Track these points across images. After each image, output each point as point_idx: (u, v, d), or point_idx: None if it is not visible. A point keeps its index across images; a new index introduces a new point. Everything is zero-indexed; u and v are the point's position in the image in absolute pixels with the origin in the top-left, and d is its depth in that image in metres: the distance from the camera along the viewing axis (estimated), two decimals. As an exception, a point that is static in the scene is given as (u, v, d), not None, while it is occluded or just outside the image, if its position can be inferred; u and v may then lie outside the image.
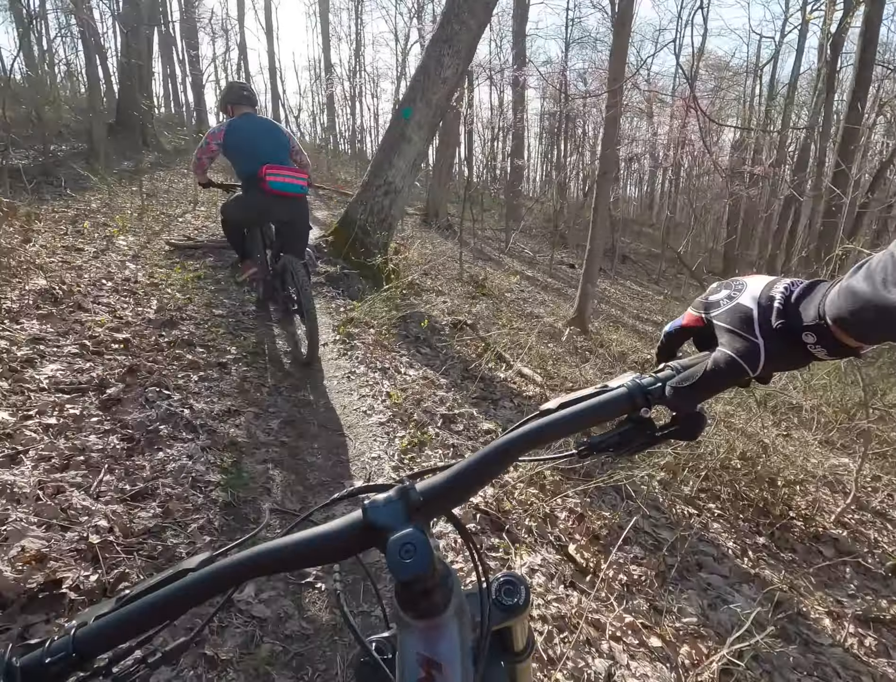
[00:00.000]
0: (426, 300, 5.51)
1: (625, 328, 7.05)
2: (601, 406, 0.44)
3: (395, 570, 0.36)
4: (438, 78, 5.17)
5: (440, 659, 0.38)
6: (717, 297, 0.46)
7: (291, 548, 0.40)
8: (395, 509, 0.39)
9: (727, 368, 0.42)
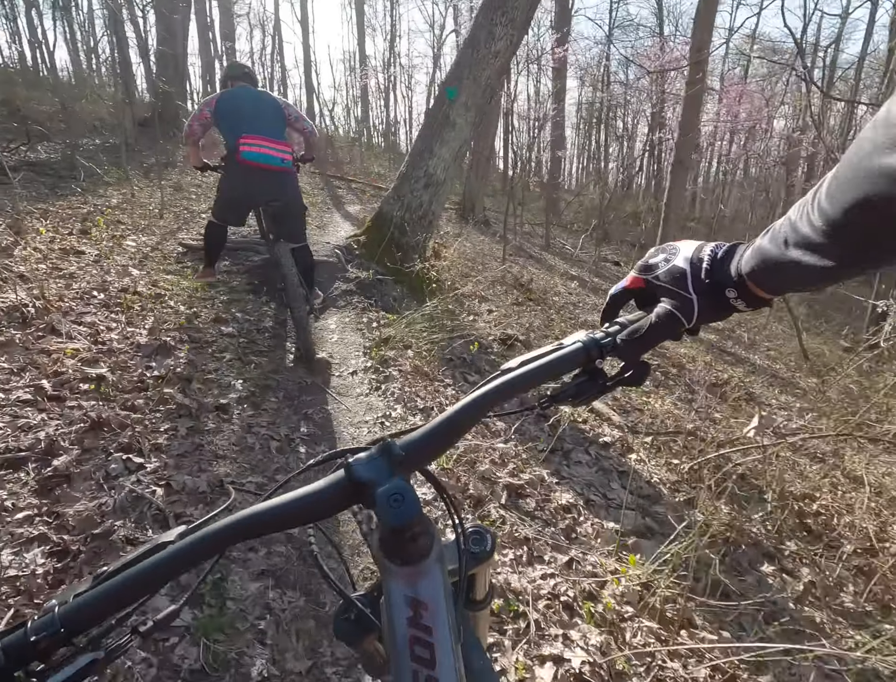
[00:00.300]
0: (468, 308, 4.76)
1: (707, 349, 6.14)
2: (559, 360, 0.46)
3: (386, 518, 0.37)
4: (489, 52, 4.37)
5: (426, 599, 0.39)
6: (656, 260, 0.51)
7: (275, 510, 0.40)
8: (379, 465, 0.40)
9: (668, 320, 0.48)
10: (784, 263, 0.39)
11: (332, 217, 8.82)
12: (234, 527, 0.39)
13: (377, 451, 0.41)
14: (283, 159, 2.79)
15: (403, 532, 0.38)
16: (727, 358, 6.01)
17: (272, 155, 2.76)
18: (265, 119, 2.85)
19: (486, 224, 11.78)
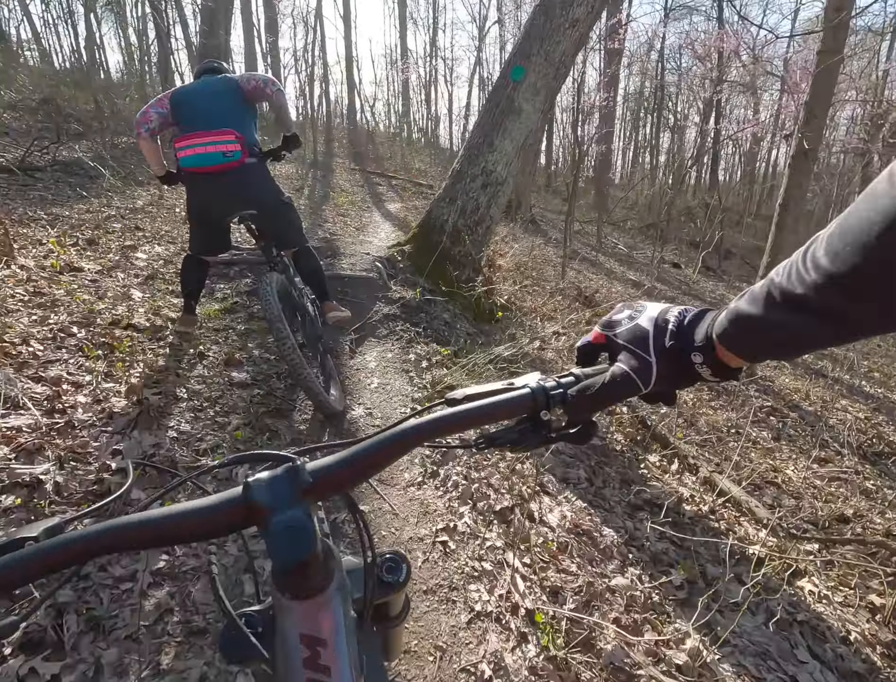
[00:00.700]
0: (531, 329, 3.92)
1: (797, 368, 5.08)
2: (505, 404, 0.42)
3: (275, 557, 0.32)
4: (565, 20, 3.48)
5: (324, 635, 0.36)
6: (620, 316, 0.47)
7: (160, 521, 0.34)
8: (281, 489, 0.34)
9: (622, 382, 0.43)
10: (767, 324, 0.37)
11: (371, 217, 8.11)
12: (113, 532, 0.33)
13: (282, 472, 0.35)
14: (225, 153, 2.02)
15: (296, 571, 0.33)
16: (832, 384, 4.94)
17: (208, 152, 2.01)
18: (207, 107, 2.13)
19: (534, 223, 10.83)
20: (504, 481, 1.90)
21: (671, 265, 10.31)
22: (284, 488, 0.34)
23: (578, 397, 0.43)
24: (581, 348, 0.51)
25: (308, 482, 0.35)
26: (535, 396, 0.42)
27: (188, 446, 1.76)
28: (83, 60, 15.24)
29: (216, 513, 0.35)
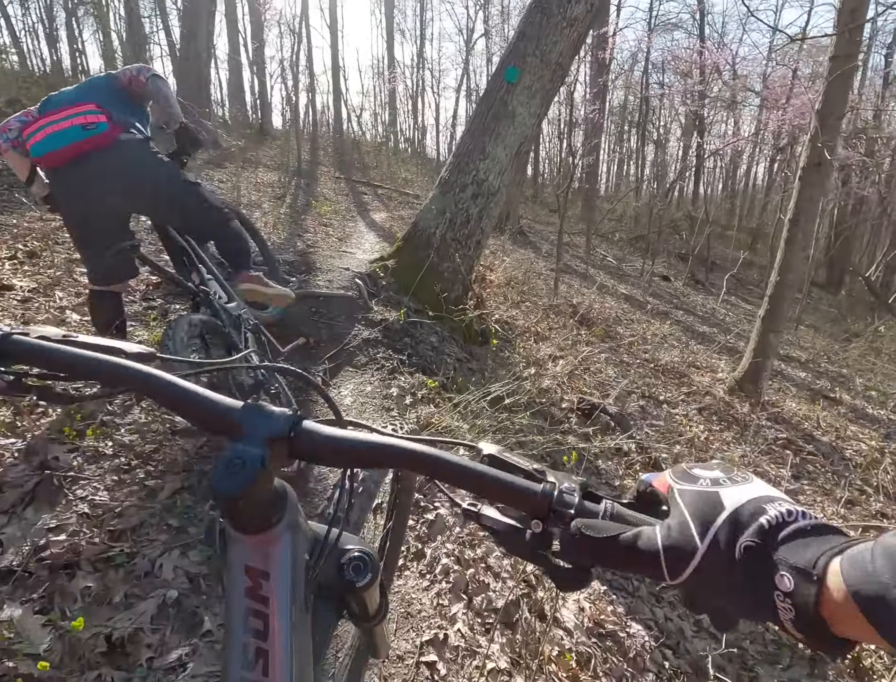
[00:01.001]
0: (526, 352, 3.56)
1: (800, 390, 4.79)
2: (513, 491, 0.36)
3: (213, 478, 0.33)
4: (563, 18, 3.16)
5: (266, 568, 0.36)
6: (703, 473, 0.34)
7: (176, 392, 0.39)
8: (263, 426, 0.36)
9: (641, 552, 0.31)
10: None
11: (355, 226, 7.72)
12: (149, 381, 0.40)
13: (279, 413, 0.37)
14: (85, 125, 1.58)
15: (227, 501, 0.33)
16: (835, 405, 4.67)
17: (62, 129, 1.57)
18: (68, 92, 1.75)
19: (522, 235, 10.54)
20: (504, 560, 1.52)
21: (661, 278, 10.08)
22: (267, 426, 0.36)
23: (580, 535, 0.32)
24: (641, 485, 0.37)
25: (287, 436, 0.36)
26: (538, 499, 0.35)
27: (100, 527, 1.34)
28: (61, 64, 14.70)
29: (211, 410, 0.38)
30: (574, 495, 0.36)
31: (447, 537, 1.55)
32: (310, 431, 0.37)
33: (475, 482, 0.36)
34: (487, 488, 0.36)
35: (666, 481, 0.35)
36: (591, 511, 0.35)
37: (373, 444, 0.38)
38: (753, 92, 16.98)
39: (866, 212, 14.36)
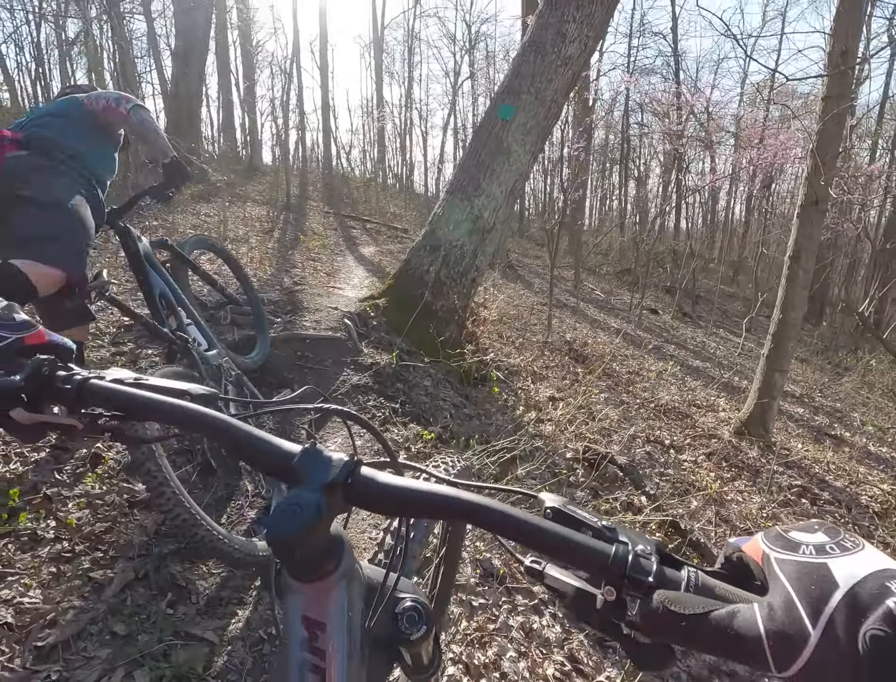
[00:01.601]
0: (524, 394, 3.36)
1: (801, 427, 4.64)
2: (582, 552, 0.33)
3: (268, 524, 0.33)
4: (557, 57, 3.11)
5: (324, 619, 0.36)
6: (803, 537, 0.28)
7: (239, 435, 0.40)
8: (322, 472, 0.36)
9: (740, 639, 0.25)
10: None
11: (344, 261, 7.58)
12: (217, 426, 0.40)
13: (337, 460, 0.36)
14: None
15: (282, 546, 0.33)
16: (839, 444, 4.51)
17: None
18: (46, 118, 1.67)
19: (511, 269, 10.51)
20: (521, 662, 1.27)
21: (649, 311, 10.06)
22: (325, 472, 0.35)
23: (662, 609, 0.28)
24: (728, 550, 0.33)
25: (343, 482, 0.36)
26: (610, 563, 0.31)
27: (24, 642, 1.07)
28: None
29: (272, 453, 0.39)
30: (651, 560, 0.32)
31: (452, 635, 1.30)
32: (367, 477, 0.37)
33: (540, 540, 0.34)
34: (554, 547, 0.34)
35: (759, 547, 0.30)
36: (672, 580, 0.31)
37: (431, 494, 0.36)
38: (728, 132, 17.62)
39: (843, 245, 14.73)
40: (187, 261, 2.11)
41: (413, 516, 0.41)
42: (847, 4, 3.09)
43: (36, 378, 0.43)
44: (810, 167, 3.22)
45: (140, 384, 0.44)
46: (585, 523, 0.36)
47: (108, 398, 0.42)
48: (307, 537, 0.33)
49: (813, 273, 3.77)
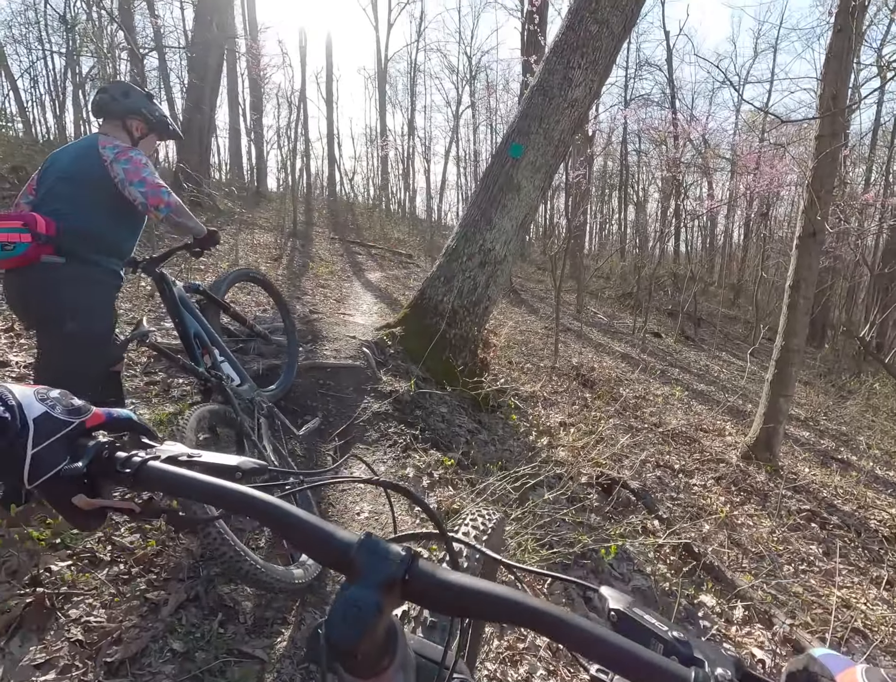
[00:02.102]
0: (536, 420, 3.46)
1: (807, 451, 4.72)
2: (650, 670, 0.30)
3: (328, 625, 0.32)
4: (564, 100, 3.31)
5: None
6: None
7: (299, 524, 0.39)
8: (381, 567, 0.34)
9: None
10: None
11: (352, 287, 7.76)
12: (267, 509, 0.40)
13: (394, 554, 0.35)
14: (4, 244, 1.47)
15: (343, 652, 0.32)
16: (846, 468, 4.57)
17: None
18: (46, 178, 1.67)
19: (515, 293, 10.70)
20: (550, 677, 1.35)
21: (652, 335, 10.19)
22: (382, 568, 0.34)
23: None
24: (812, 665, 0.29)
25: (402, 578, 0.34)
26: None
27: (95, 658, 1.16)
28: (65, 132, 15.15)
29: (330, 545, 0.37)
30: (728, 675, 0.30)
31: (486, 653, 1.38)
32: (425, 573, 0.36)
33: (608, 657, 0.31)
34: (623, 665, 0.31)
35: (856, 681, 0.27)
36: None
37: (493, 597, 0.35)
38: (724, 159, 18.06)
39: (842, 269, 14.95)
40: (218, 302, 2.21)
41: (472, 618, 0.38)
42: (834, 52, 3.33)
43: (97, 463, 0.43)
44: (807, 201, 3.41)
45: (193, 463, 0.45)
46: (655, 633, 0.34)
47: (163, 481, 0.43)
48: (364, 643, 0.32)
49: (813, 299, 3.90)
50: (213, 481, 0.42)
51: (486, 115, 22.69)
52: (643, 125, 16.68)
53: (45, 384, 1.46)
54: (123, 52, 11.88)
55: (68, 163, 1.67)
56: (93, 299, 1.65)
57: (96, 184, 1.64)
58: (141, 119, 1.80)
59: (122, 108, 1.76)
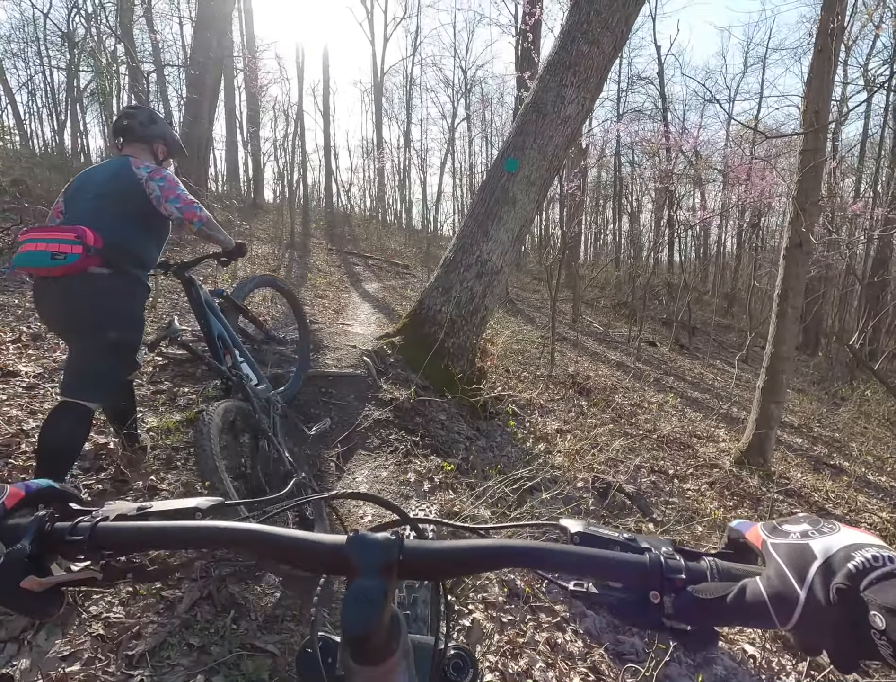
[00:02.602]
0: (532, 427, 3.54)
1: (800, 457, 4.81)
2: (615, 564, 0.36)
3: (343, 620, 0.33)
4: (557, 117, 3.44)
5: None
6: (793, 528, 0.36)
7: (280, 541, 0.39)
8: (375, 555, 0.36)
9: (751, 606, 0.33)
10: None
11: (349, 297, 7.86)
12: (243, 535, 0.40)
13: (383, 539, 0.37)
14: (54, 254, 1.55)
15: (360, 639, 0.34)
16: (838, 474, 4.66)
17: (36, 250, 1.57)
18: (74, 202, 1.75)
19: (511, 303, 10.83)
20: (549, 672, 1.42)
21: (647, 344, 10.31)
22: (378, 556, 0.36)
23: (691, 599, 0.34)
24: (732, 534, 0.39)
25: (398, 559, 0.36)
26: (648, 570, 0.35)
27: (117, 652, 1.23)
28: (63, 145, 15.26)
29: (319, 552, 0.38)
30: (678, 559, 0.36)
31: (487, 646, 1.45)
32: (415, 549, 0.38)
33: (582, 566, 0.37)
34: (595, 568, 0.37)
35: (758, 535, 0.37)
36: (698, 571, 0.36)
37: (477, 549, 0.38)
38: (716, 170, 18.37)
39: (832, 278, 15.18)
40: (239, 307, 2.32)
41: (464, 575, 0.41)
42: (816, 71, 3.48)
43: (40, 539, 0.39)
44: (792, 213, 3.53)
45: (147, 514, 0.43)
46: (611, 539, 0.39)
47: (122, 539, 0.40)
48: (379, 626, 0.34)
49: (802, 309, 4.01)
50: (180, 524, 0.41)
51: (482, 127, 23.05)
52: (636, 138, 16.97)
53: (72, 386, 1.53)
54: (123, 66, 12.02)
55: (103, 182, 1.76)
56: (133, 309, 1.76)
57: (132, 201, 1.74)
58: (164, 144, 1.93)
59: (149, 134, 1.88)
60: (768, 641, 1.88)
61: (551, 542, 0.39)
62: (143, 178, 1.74)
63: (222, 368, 1.86)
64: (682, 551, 0.37)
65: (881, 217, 8.40)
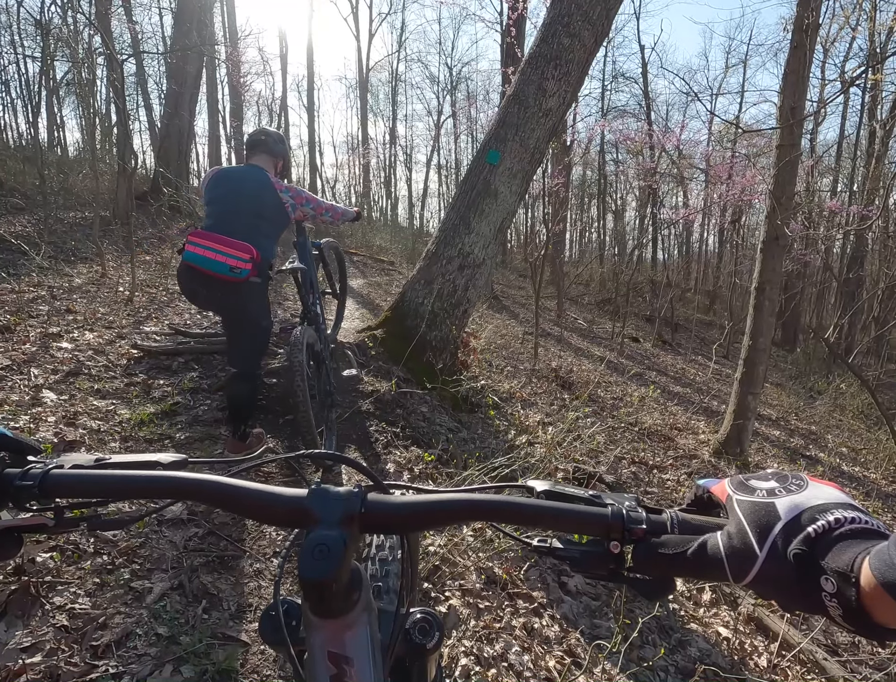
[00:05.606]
0: (514, 419, 3.55)
1: (778, 448, 4.90)
2: (577, 515, 0.37)
3: (301, 568, 0.33)
4: (539, 110, 3.45)
5: (349, 654, 0.36)
6: (760, 484, 0.35)
7: (240, 493, 0.39)
8: (335, 507, 0.36)
9: (708, 561, 0.33)
10: None
11: (334, 293, 7.79)
12: (205, 487, 0.39)
13: (344, 492, 0.37)
14: (232, 268, 1.97)
15: (317, 587, 0.33)
16: (814, 464, 4.76)
17: (215, 259, 1.98)
18: (234, 214, 2.13)
19: (496, 299, 10.84)
20: (525, 656, 1.42)
21: (631, 339, 10.42)
22: (337, 507, 0.36)
23: (651, 551, 0.35)
24: (698, 490, 0.40)
25: (359, 512, 0.36)
26: (610, 521, 0.36)
27: (81, 642, 1.20)
28: (38, 138, 14.87)
29: (279, 504, 0.38)
30: (639, 512, 0.37)
31: (463, 632, 1.45)
32: (378, 503, 0.38)
33: (548, 519, 0.37)
34: (561, 521, 0.37)
35: (724, 489, 0.37)
36: (658, 524, 0.36)
37: (440, 503, 0.38)
38: (698, 169, 18.60)
39: (810, 275, 15.50)
40: (323, 259, 2.81)
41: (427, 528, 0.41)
42: (792, 67, 3.54)
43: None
44: (769, 207, 3.59)
45: (105, 465, 0.42)
46: (576, 496, 0.40)
47: (77, 486, 0.40)
48: (338, 575, 0.33)
49: (778, 302, 4.09)
50: (139, 474, 0.40)
51: (467, 124, 23.01)
52: (620, 136, 17.13)
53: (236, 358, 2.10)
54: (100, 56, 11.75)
55: (254, 196, 2.14)
56: (268, 302, 2.23)
57: (274, 214, 2.18)
58: (283, 161, 2.37)
59: (277, 152, 2.30)
60: (741, 623, 1.91)
61: None
62: (280, 188, 2.19)
63: (308, 302, 2.31)
64: (645, 506, 0.38)
65: (856, 214, 8.60)
